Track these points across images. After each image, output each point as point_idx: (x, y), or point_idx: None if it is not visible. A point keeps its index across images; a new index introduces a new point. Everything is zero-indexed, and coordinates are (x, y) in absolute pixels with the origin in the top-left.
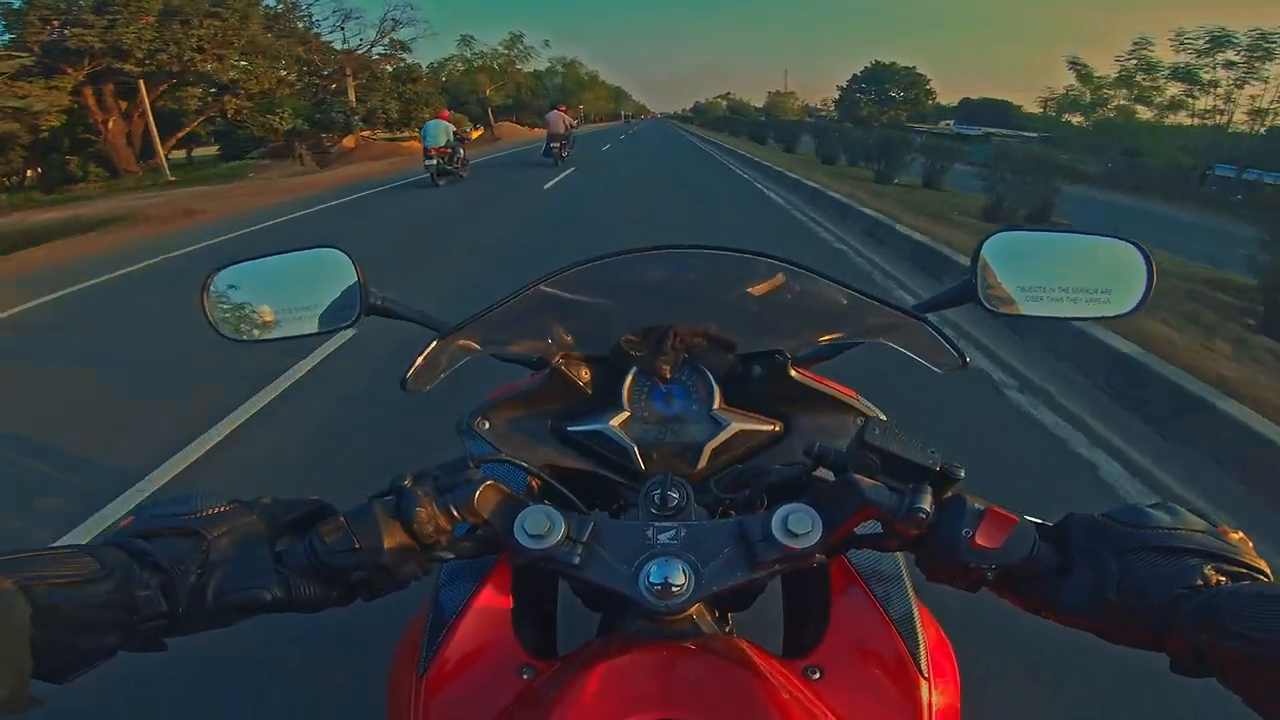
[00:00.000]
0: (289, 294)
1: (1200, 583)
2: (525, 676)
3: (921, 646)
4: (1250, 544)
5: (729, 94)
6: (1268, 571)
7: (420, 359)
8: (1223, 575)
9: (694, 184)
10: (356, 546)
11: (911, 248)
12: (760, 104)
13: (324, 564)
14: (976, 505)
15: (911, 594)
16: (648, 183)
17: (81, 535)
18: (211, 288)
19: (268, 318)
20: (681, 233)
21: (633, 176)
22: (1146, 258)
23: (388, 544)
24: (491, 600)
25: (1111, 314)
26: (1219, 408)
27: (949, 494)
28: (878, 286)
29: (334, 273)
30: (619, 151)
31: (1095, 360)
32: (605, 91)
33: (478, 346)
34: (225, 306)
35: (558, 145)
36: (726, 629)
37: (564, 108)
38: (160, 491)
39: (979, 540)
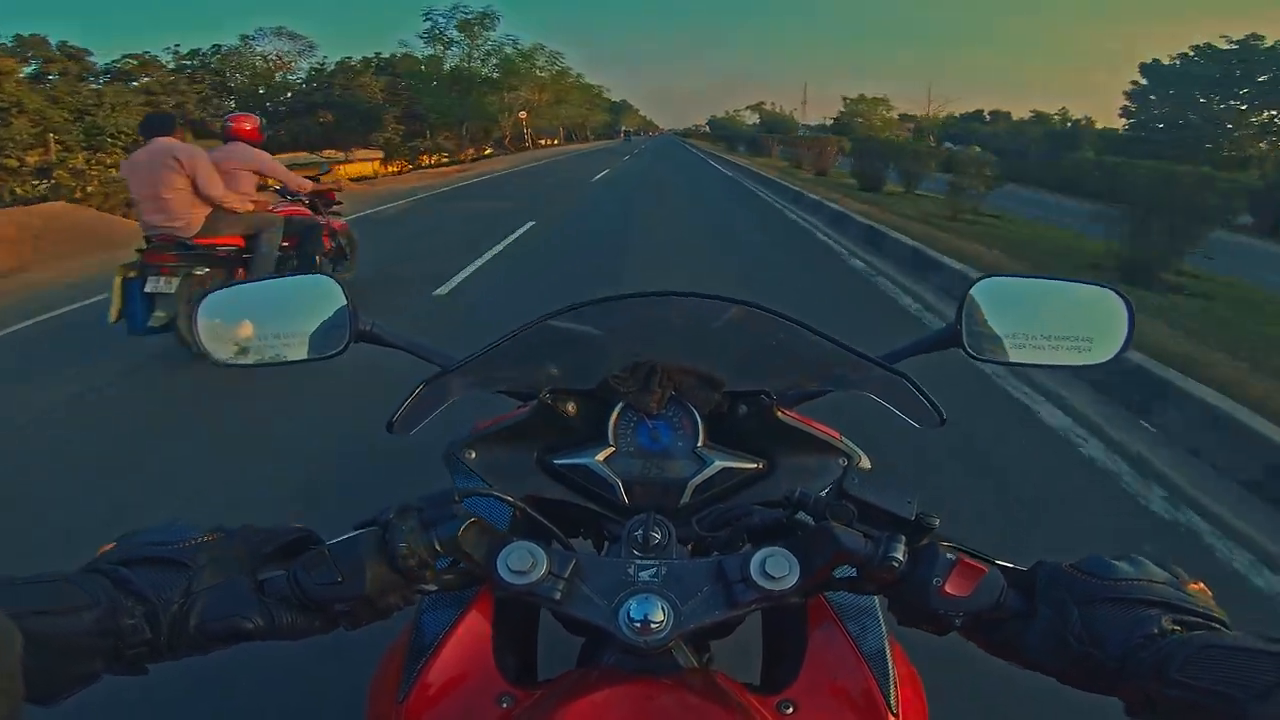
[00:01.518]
0: (279, 320)
1: (1156, 632)
2: (504, 705)
3: (892, 683)
4: (1210, 594)
5: (761, 103)
6: (1225, 621)
7: (409, 402)
8: (1178, 625)
9: None
10: (339, 580)
11: None
12: (811, 120)
13: (307, 595)
14: (948, 555)
15: (885, 632)
16: None
17: None
18: (202, 311)
19: (257, 344)
20: None
21: None
22: (1128, 306)
23: (371, 577)
24: (473, 628)
25: (1091, 362)
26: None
27: (923, 543)
28: None
29: (323, 299)
30: (606, 199)
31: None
32: (580, 95)
33: (467, 385)
34: (215, 330)
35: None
36: (706, 657)
37: (244, 120)
38: None
39: (948, 589)
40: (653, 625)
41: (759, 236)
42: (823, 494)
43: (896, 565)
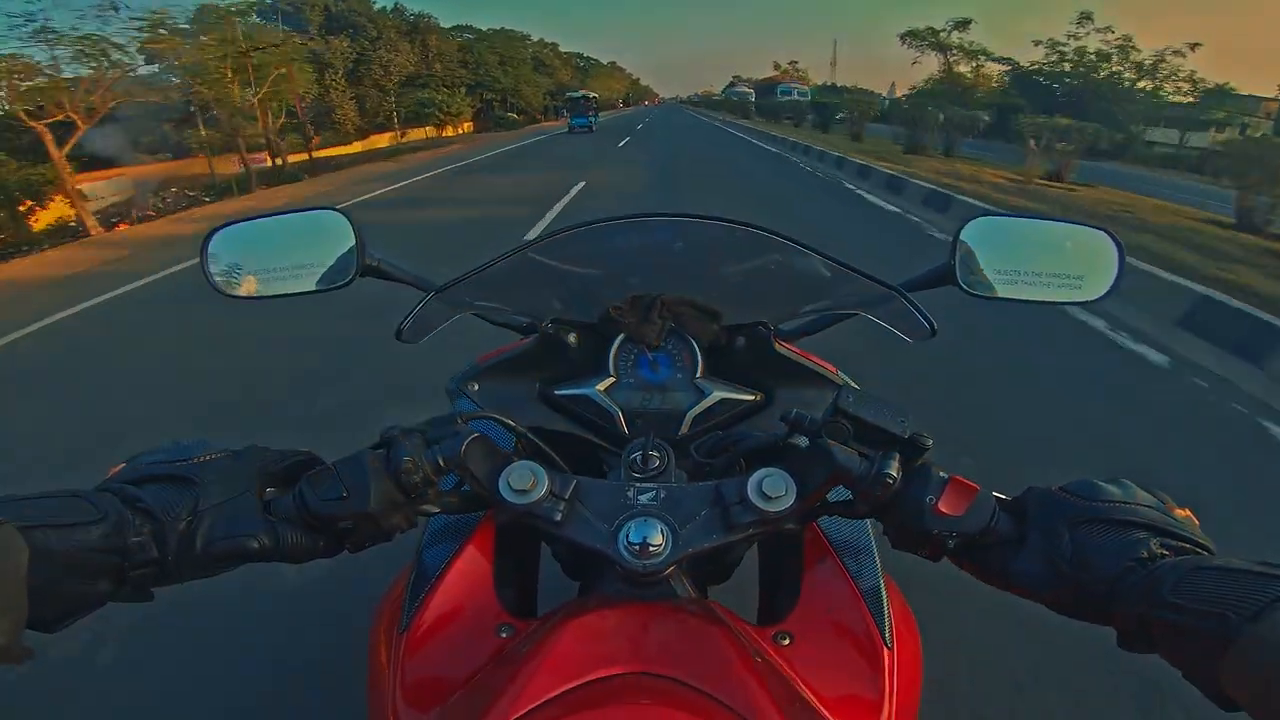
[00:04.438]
0: (287, 253)
1: (1146, 555)
2: (504, 635)
3: (887, 617)
4: (1196, 520)
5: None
6: (1210, 547)
7: (414, 313)
8: (1167, 550)
9: None
10: (344, 495)
11: None
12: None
13: (312, 512)
14: (941, 474)
15: (880, 567)
16: None
17: None
18: (211, 246)
19: (266, 277)
20: None
21: None
22: (1118, 245)
23: (375, 494)
24: (474, 560)
25: (1082, 299)
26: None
27: (917, 462)
28: None
29: (331, 233)
30: None
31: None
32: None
33: (470, 305)
34: (224, 264)
35: None
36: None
37: None
38: None
39: (941, 507)
40: (651, 548)
41: None
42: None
43: (891, 482)
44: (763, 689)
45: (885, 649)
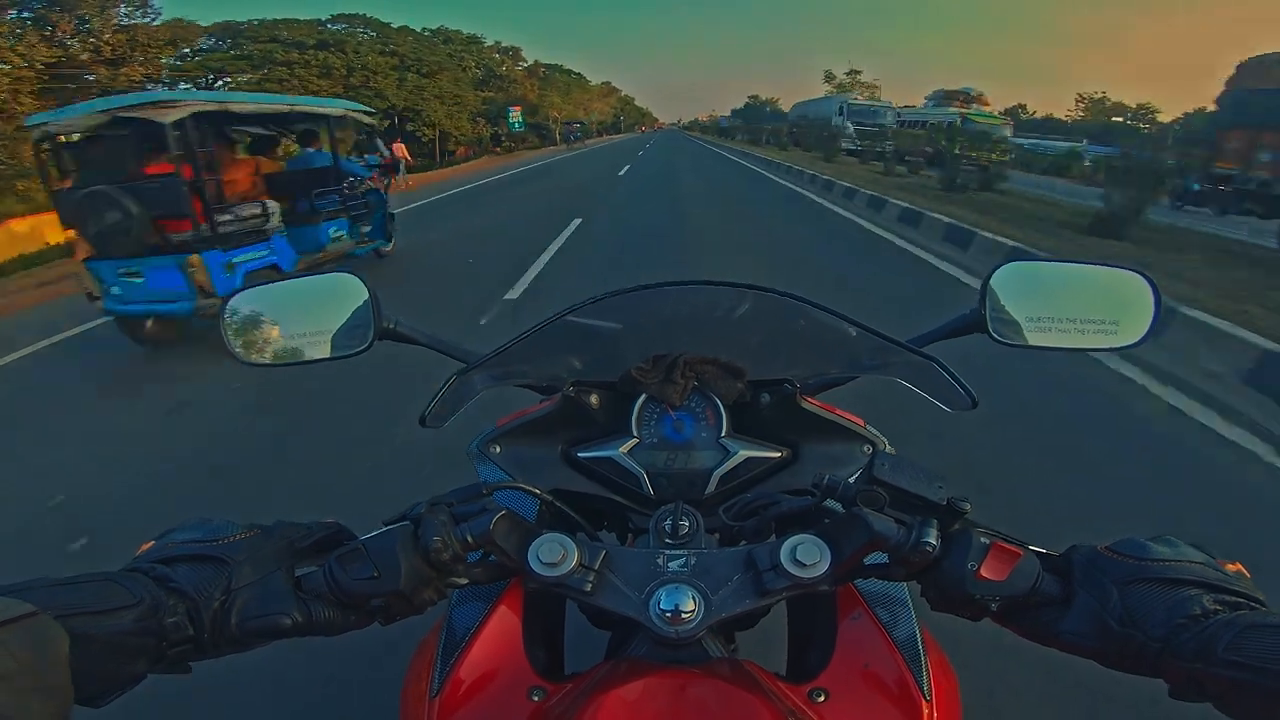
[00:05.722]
0: (304, 318)
1: (1198, 612)
2: (536, 699)
3: (924, 670)
4: (1248, 575)
5: None
6: (1262, 600)
7: (440, 397)
8: (1220, 605)
9: None
10: (375, 575)
11: None
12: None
13: (344, 591)
14: (982, 539)
15: (915, 618)
16: None
17: None
18: (229, 311)
19: (283, 342)
20: None
21: None
22: (1154, 289)
23: (405, 571)
24: (503, 622)
25: (1118, 345)
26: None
27: (955, 527)
28: None
29: (348, 298)
30: None
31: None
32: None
33: (494, 378)
34: (242, 330)
35: None
36: (732, 647)
37: None
38: None
39: (984, 573)
40: (684, 615)
41: None
42: (850, 480)
43: (930, 550)
44: None
45: (923, 702)
